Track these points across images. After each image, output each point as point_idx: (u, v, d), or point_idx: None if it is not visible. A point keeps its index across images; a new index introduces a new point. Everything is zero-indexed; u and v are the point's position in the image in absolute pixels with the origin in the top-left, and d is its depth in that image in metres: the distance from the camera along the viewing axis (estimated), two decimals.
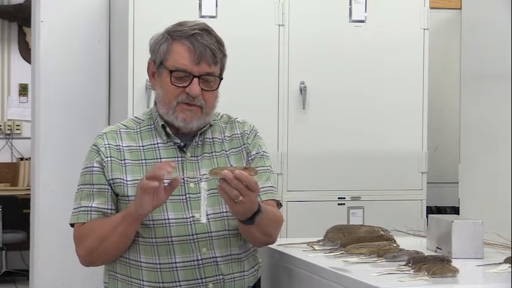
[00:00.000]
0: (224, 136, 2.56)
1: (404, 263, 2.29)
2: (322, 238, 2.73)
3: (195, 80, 2.42)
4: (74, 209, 2.49)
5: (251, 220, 2.34)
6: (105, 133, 2.53)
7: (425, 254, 2.35)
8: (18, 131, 8.60)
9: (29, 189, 5.08)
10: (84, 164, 2.52)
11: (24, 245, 7.04)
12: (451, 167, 4.40)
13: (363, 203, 4.22)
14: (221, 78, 2.48)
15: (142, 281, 2.44)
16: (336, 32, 4.21)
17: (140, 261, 2.45)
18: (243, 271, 2.52)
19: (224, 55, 2.49)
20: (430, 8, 4.32)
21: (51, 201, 4.45)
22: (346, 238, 2.61)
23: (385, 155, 4.24)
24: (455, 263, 2.25)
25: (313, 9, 4.19)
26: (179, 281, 2.43)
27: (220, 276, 2.46)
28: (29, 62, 7.61)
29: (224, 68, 2.50)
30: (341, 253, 2.53)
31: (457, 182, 3.32)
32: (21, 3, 8.51)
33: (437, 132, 4.77)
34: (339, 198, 4.20)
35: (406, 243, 2.65)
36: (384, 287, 2.04)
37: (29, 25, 5.42)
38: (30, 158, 5.60)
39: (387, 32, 4.26)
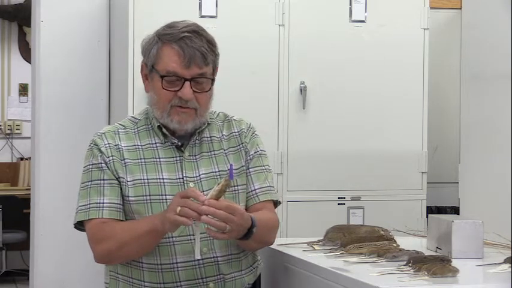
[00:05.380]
0: (222, 135, 2.55)
1: (404, 263, 2.28)
2: (322, 238, 2.73)
3: (187, 83, 2.40)
4: (80, 206, 2.44)
5: (247, 236, 2.34)
6: (103, 133, 2.51)
7: (425, 254, 2.34)
8: (18, 131, 8.59)
9: (29, 189, 5.08)
10: (87, 161, 2.49)
11: (24, 245, 7.03)
12: (451, 167, 4.40)
13: (363, 203, 4.21)
14: (213, 79, 2.46)
15: (144, 281, 2.45)
16: (336, 32, 4.21)
17: (142, 262, 2.45)
18: (241, 270, 2.52)
19: (216, 55, 2.46)
20: (430, 8, 4.32)
21: (51, 201, 4.44)
22: (346, 238, 2.61)
23: (385, 155, 4.24)
24: (455, 263, 2.25)
25: (313, 9, 4.19)
26: (180, 281, 2.43)
27: (221, 276, 2.46)
28: (29, 62, 7.60)
29: (217, 68, 2.48)
30: (341, 253, 2.52)
31: (457, 182, 3.31)
32: (21, 3, 8.51)
33: (437, 132, 4.76)
34: (339, 198, 4.20)
35: (406, 243, 2.64)
36: (384, 287, 2.04)
37: (29, 25, 5.42)
38: (30, 158, 5.60)
39: (387, 32, 4.26)
